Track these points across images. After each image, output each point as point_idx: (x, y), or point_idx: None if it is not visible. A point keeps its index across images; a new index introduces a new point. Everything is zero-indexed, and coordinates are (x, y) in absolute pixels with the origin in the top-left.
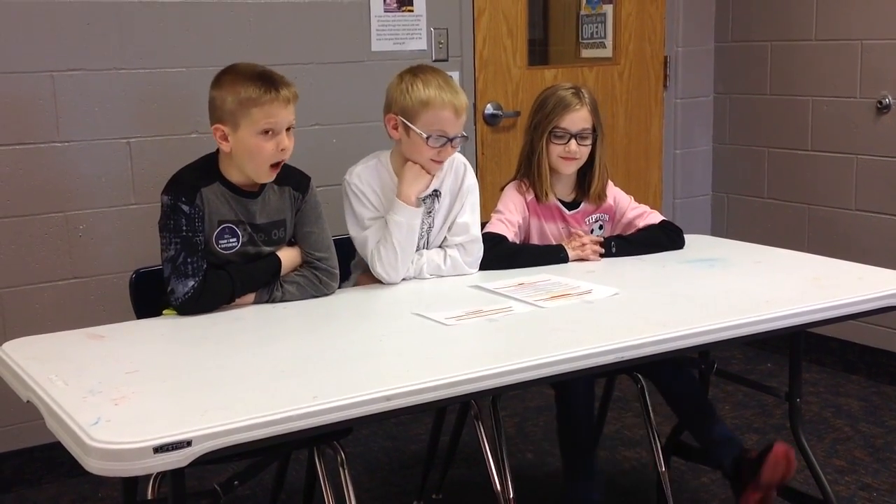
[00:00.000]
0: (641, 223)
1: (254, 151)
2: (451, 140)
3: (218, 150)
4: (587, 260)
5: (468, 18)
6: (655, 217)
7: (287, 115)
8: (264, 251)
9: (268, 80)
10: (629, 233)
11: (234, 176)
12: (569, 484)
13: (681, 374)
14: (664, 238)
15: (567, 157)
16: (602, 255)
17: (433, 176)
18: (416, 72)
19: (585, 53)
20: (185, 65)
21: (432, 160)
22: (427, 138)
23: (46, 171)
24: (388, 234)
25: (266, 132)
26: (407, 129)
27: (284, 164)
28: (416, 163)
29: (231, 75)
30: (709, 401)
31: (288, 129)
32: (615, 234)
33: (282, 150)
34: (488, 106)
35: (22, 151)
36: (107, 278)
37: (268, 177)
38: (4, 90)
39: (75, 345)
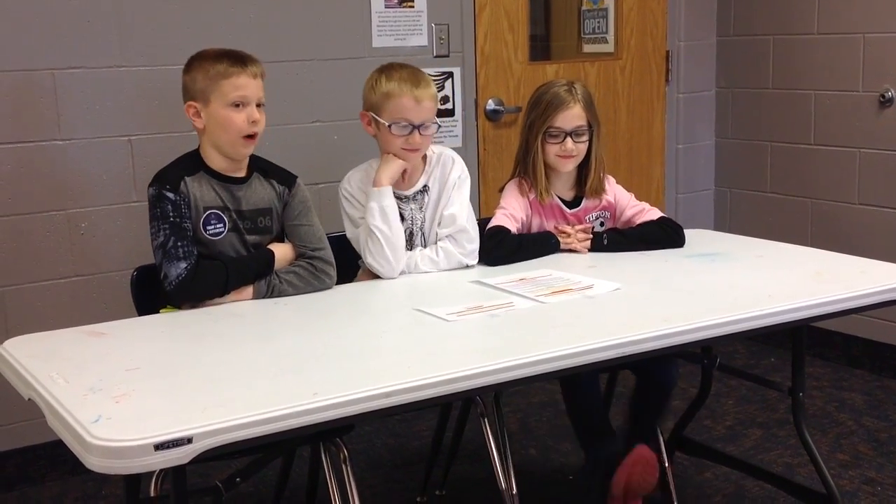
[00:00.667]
0: (640, 220)
1: (224, 123)
2: (417, 128)
3: (199, 144)
4: (577, 251)
5: (469, 14)
6: (654, 214)
7: (255, 88)
8: (248, 240)
9: (235, 56)
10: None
11: (217, 162)
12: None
13: (661, 376)
14: (660, 234)
15: (564, 155)
16: (593, 249)
17: (406, 163)
18: (384, 69)
19: (587, 48)
20: (185, 61)
21: (403, 149)
22: (389, 126)
23: (48, 169)
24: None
25: (236, 105)
26: (377, 122)
27: (269, 162)
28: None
29: (199, 58)
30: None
31: (259, 106)
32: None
33: (252, 122)
34: (490, 101)
35: (23, 149)
36: (108, 276)
37: (243, 148)
38: (6, 88)
39: (76, 342)
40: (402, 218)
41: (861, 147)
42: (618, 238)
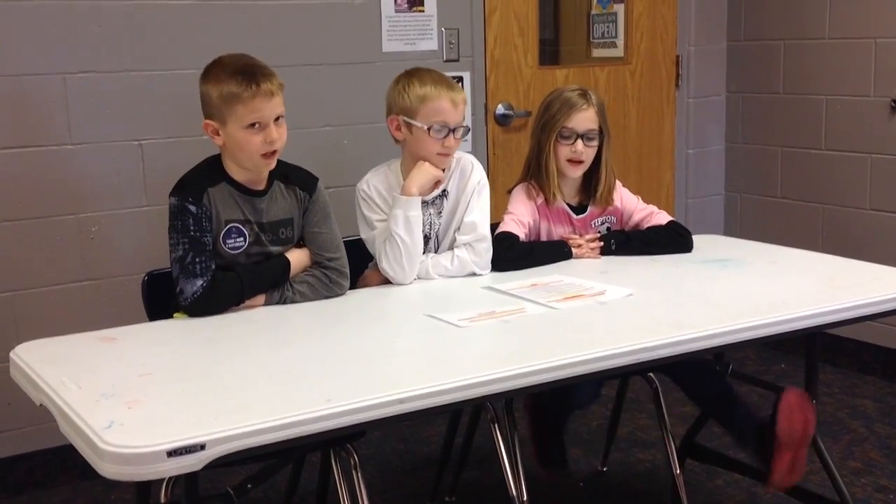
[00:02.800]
0: (648, 224)
1: (242, 145)
2: (452, 131)
3: (221, 152)
4: (588, 258)
5: (479, 18)
6: (663, 218)
7: (272, 107)
8: (272, 251)
9: (248, 75)
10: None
11: (238, 174)
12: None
13: (701, 372)
14: (668, 239)
15: (573, 159)
16: (603, 253)
17: (442, 171)
18: (412, 73)
19: (597, 53)
20: (196, 66)
21: (439, 154)
22: (428, 129)
23: (58, 174)
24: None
25: (252, 125)
26: (409, 126)
27: (291, 164)
28: (424, 160)
29: (216, 69)
30: (729, 386)
31: (277, 119)
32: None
33: (270, 142)
34: (499, 106)
35: (34, 154)
36: (119, 280)
37: (264, 166)
38: (16, 92)
39: (88, 347)
40: None
41: (872, 152)
42: (624, 241)
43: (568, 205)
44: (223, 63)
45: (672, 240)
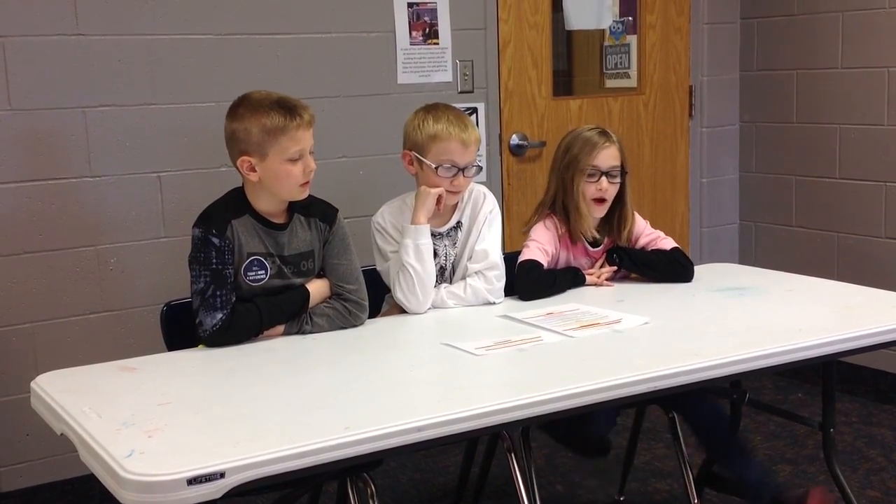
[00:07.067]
0: (652, 248)
1: (283, 177)
2: (462, 170)
3: (243, 184)
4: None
5: (493, 50)
6: (668, 244)
7: (310, 138)
8: (294, 283)
9: (289, 107)
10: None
11: (263, 205)
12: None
13: (706, 406)
14: (667, 266)
15: (598, 197)
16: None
17: (441, 198)
18: (430, 109)
19: (610, 83)
20: (214, 99)
21: (448, 191)
22: (436, 168)
23: (78, 206)
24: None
25: (293, 158)
26: (420, 162)
27: (311, 196)
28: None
29: (249, 107)
30: (740, 434)
31: (311, 153)
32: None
33: (310, 171)
34: (514, 136)
35: (54, 186)
36: (138, 311)
37: (301, 195)
38: (37, 126)
39: (108, 377)
40: (435, 254)
41: (887, 180)
42: (626, 259)
43: (584, 238)
44: (255, 100)
45: (671, 266)
